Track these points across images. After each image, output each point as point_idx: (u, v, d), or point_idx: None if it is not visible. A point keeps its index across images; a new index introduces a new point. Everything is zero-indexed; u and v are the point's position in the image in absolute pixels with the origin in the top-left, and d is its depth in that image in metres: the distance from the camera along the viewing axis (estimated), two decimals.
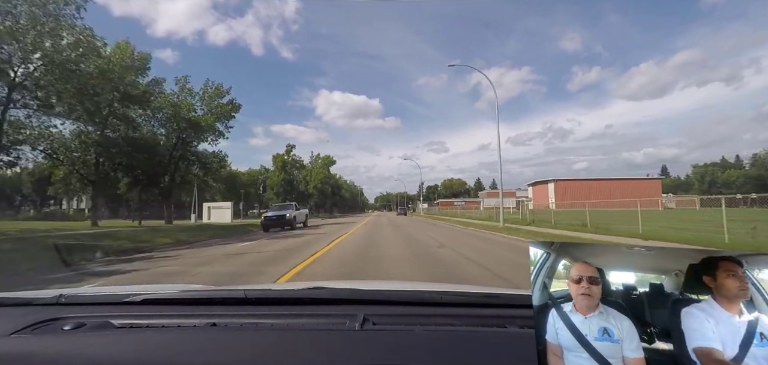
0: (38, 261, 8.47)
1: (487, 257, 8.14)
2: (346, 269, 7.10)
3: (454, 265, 7.24)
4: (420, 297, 1.25)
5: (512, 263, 7.15)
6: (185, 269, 7.55)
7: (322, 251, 9.78)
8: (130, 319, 1.13)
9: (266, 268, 7.24)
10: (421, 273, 6.43)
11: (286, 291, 1.40)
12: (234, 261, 8.60)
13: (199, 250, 11.51)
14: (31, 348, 0.94)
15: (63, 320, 1.10)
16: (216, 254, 9.93)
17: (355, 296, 1.28)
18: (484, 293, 1.28)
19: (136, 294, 1.28)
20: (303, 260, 8.12)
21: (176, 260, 9.25)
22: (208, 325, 1.07)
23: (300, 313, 1.17)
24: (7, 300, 1.32)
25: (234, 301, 1.28)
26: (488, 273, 6.27)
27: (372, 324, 1.03)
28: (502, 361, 0.85)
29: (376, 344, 0.91)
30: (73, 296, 1.30)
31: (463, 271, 6.60)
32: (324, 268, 7.15)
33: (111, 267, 8.16)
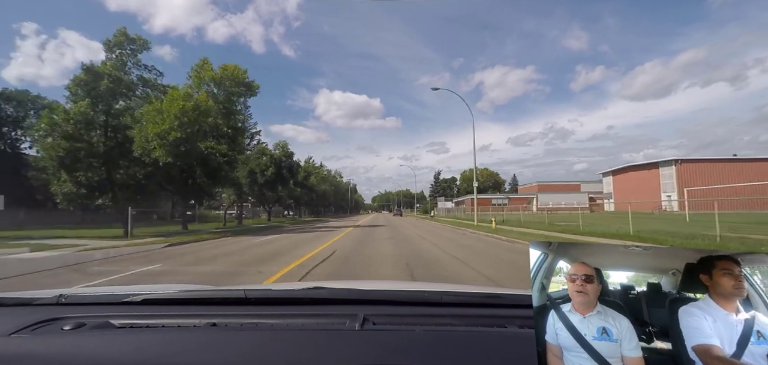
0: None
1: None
2: None
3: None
4: (420, 297, 1.25)
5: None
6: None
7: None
8: (130, 319, 1.13)
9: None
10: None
11: (286, 291, 1.40)
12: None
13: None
14: (31, 348, 0.94)
15: (63, 320, 1.10)
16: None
17: (355, 296, 1.28)
18: (484, 293, 1.28)
19: (136, 294, 1.28)
20: None
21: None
22: (208, 325, 1.07)
23: (300, 313, 1.17)
24: (7, 300, 1.32)
25: (234, 301, 1.28)
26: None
27: (372, 324, 1.03)
28: (502, 361, 0.85)
29: (376, 344, 0.91)
30: (73, 296, 1.30)
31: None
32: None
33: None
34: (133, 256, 10.30)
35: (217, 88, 24.65)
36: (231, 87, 24.70)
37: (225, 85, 24.63)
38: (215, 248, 12.36)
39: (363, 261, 8.51)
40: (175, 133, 18.60)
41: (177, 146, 19.04)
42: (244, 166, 34.22)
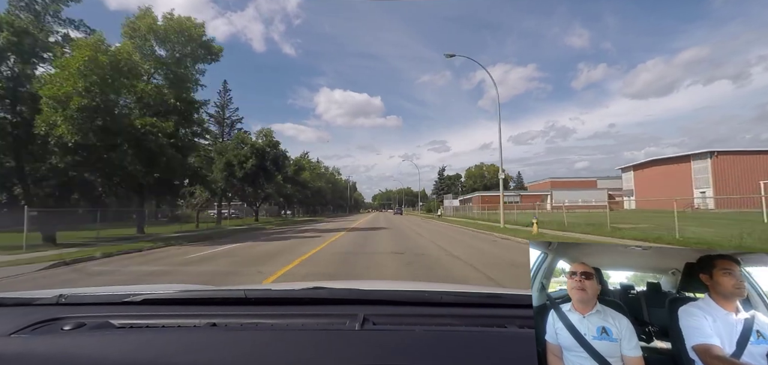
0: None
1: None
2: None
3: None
4: (420, 297, 1.25)
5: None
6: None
7: None
8: (130, 319, 1.13)
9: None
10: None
11: (286, 291, 1.40)
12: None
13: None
14: (31, 348, 0.94)
15: (63, 320, 1.10)
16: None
17: (355, 296, 1.28)
18: (483, 293, 1.28)
19: (136, 294, 1.28)
20: None
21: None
22: (208, 325, 1.07)
23: (300, 313, 1.17)
24: (7, 300, 1.32)
25: (234, 301, 1.28)
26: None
27: (372, 324, 1.03)
28: (502, 361, 0.85)
29: (376, 344, 0.91)
30: (73, 296, 1.30)
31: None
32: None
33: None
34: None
35: (162, 47, 17.75)
36: (181, 46, 17.57)
37: (172, 42, 17.40)
38: (110, 267, 8.32)
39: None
40: (80, 98, 12.65)
41: (89, 118, 13.15)
42: (220, 157, 29.02)
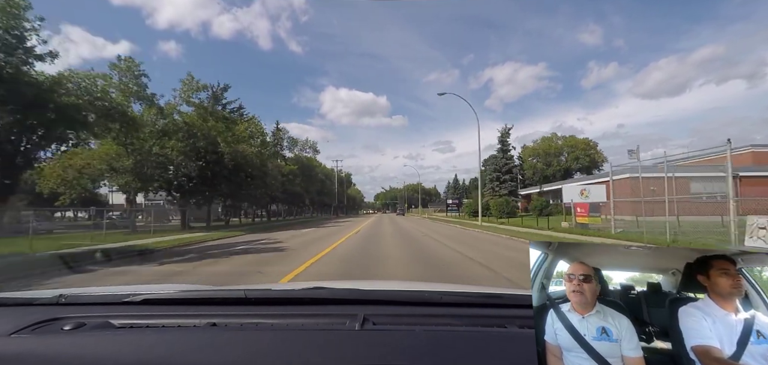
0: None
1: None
2: None
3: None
4: (420, 297, 1.25)
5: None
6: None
7: None
8: (130, 319, 1.13)
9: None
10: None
11: (286, 291, 1.40)
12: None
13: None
14: (31, 348, 0.94)
15: (63, 320, 1.10)
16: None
17: (355, 296, 1.28)
18: (484, 293, 1.28)
19: (136, 294, 1.28)
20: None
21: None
22: (208, 325, 1.07)
23: (300, 313, 1.17)
24: (7, 300, 1.32)
25: (234, 301, 1.28)
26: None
27: (372, 324, 1.03)
28: (502, 361, 0.85)
29: (376, 344, 0.91)
30: (73, 296, 1.30)
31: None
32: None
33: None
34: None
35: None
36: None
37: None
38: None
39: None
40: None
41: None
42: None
